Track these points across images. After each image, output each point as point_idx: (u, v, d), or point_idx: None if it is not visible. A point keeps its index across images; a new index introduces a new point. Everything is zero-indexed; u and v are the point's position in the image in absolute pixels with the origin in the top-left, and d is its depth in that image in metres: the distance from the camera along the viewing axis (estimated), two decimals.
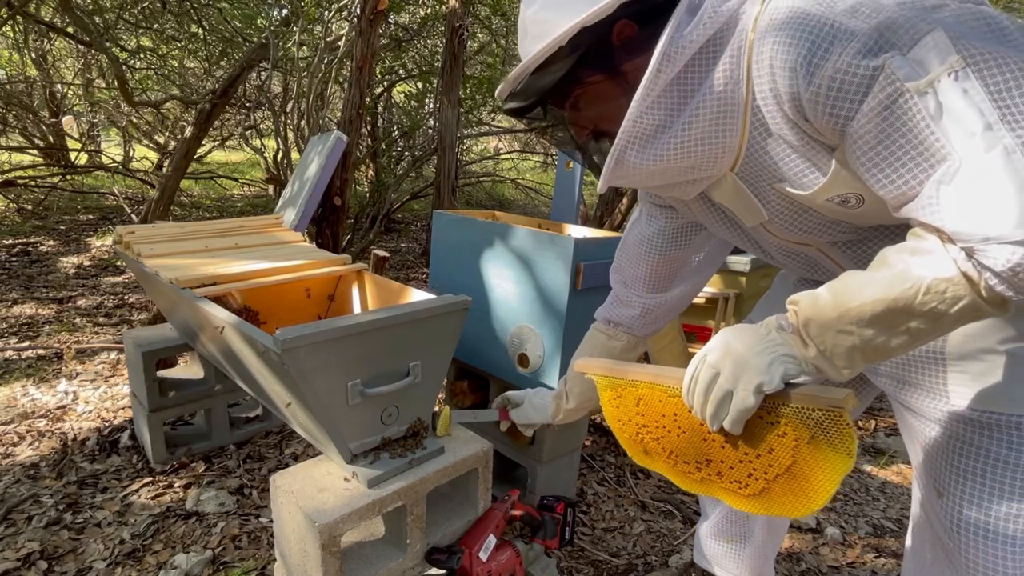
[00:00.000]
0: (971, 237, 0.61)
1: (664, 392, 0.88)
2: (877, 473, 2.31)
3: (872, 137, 0.67)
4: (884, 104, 0.64)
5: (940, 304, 0.64)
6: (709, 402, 0.78)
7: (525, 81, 0.86)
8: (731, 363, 0.76)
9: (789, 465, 0.75)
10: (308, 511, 1.14)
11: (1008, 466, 0.81)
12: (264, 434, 2.23)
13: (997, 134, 0.59)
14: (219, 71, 6.34)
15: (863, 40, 0.64)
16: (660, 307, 1.20)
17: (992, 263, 0.60)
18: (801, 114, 0.71)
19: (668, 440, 0.87)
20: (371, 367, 1.22)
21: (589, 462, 2.21)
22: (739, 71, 0.75)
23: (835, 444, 0.72)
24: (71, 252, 4.84)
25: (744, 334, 0.77)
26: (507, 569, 1.35)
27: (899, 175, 0.67)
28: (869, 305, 0.67)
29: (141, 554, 1.62)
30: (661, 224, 1.12)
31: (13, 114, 6.66)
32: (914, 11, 0.65)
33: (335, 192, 3.50)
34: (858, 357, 0.71)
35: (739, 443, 0.80)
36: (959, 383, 0.83)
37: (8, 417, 2.25)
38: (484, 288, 1.83)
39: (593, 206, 4.98)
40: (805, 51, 0.67)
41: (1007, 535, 0.82)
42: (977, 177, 0.60)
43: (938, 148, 0.63)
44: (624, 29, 0.81)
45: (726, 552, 1.40)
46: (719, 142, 0.80)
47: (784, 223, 0.89)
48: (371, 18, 3.41)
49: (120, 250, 1.89)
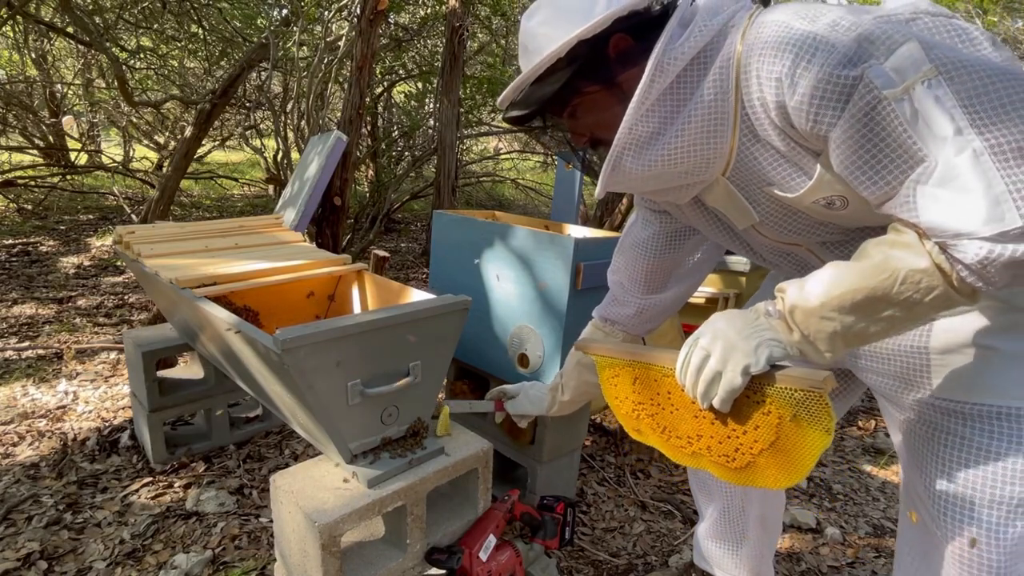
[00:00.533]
0: (944, 233, 0.67)
1: (659, 372, 0.94)
2: (877, 473, 2.31)
3: (854, 142, 0.71)
4: (864, 111, 0.69)
5: (915, 293, 0.70)
6: (700, 382, 0.84)
7: (525, 91, 0.90)
8: (721, 346, 0.82)
9: (773, 441, 0.81)
10: (308, 511, 1.14)
11: (990, 454, 0.85)
12: (264, 434, 2.23)
13: (967, 138, 0.64)
14: (219, 71, 6.33)
15: (843, 51, 0.68)
16: (655, 307, 1.24)
17: (962, 256, 0.66)
18: (787, 121, 0.75)
19: (662, 417, 0.94)
20: (371, 367, 1.22)
21: (589, 462, 2.21)
22: (728, 81, 0.79)
23: (815, 422, 0.78)
24: (71, 252, 4.84)
25: (734, 319, 0.83)
26: (507, 569, 1.35)
27: (880, 176, 0.71)
28: (850, 294, 0.73)
29: (141, 554, 1.62)
30: (656, 228, 1.17)
31: (13, 114, 6.66)
32: (890, 24, 0.70)
33: (335, 192, 3.50)
34: (839, 342, 0.77)
35: (728, 420, 0.86)
36: (941, 376, 0.88)
37: (8, 417, 2.25)
38: (484, 288, 1.83)
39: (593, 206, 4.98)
40: (789, 63, 0.71)
41: (990, 522, 0.87)
42: (949, 178, 0.65)
43: (916, 151, 0.67)
44: (619, 42, 0.85)
45: (724, 553, 1.40)
46: (710, 148, 0.84)
47: (774, 225, 0.93)
48: (371, 18, 3.41)
49: (120, 250, 1.89)
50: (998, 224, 0.63)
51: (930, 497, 0.93)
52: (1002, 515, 0.86)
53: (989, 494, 0.86)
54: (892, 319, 0.73)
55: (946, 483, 0.90)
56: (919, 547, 0.99)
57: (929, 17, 0.73)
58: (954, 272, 0.68)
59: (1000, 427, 0.84)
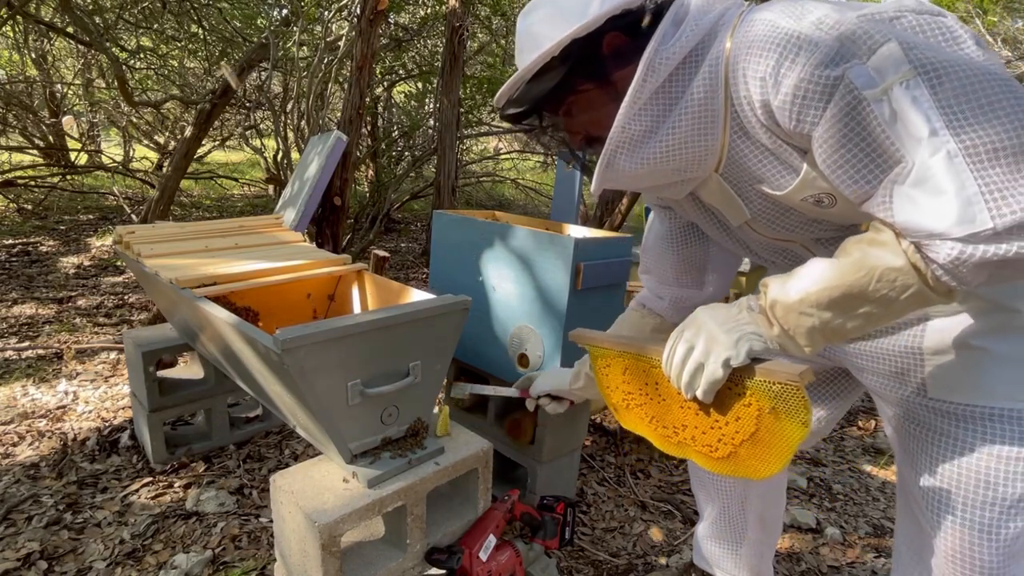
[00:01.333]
0: (917, 233, 0.67)
1: (648, 363, 0.96)
2: (877, 473, 2.31)
3: (835, 141, 0.71)
4: (844, 111, 0.69)
5: (891, 291, 0.71)
6: (684, 373, 0.85)
7: (521, 89, 0.91)
8: (703, 339, 0.83)
9: (753, 432, 0.83)
10: (308, 511, 1.14)
11: (982, 456, 0.86)
12: (264, 434, 2.23)
13: (942, 139, 0.64)
14: (219, 71, 6.33)
15: (825, 51, 0.69)
16: (691, 300, 1.22)
17: (936, 257, 0.67)
18: (772, 120, 0.76)
19: (650, 407, 0.96)
20: (371, 367, 1.22)
21: (589, 462, 2.21)
22: (717, 79, 0.79)
23: (792, 414, 0.80)
24: (71, 252, 4.84)
25: (717, 313, 0.85)
26: (507, 569, 1.35)
27: (860, 176, 0.71)
28: (827, 291, 0.74)
29: (141, 554, 1.62)
30: (669, 224, 1.18)
31: (13, 114, 6.65)
32: (873, 23, 0.70)
33: (335, 192, 3.50)
34: (818, 337, 0.78)
35: (711, 411, 0.88)
36: (934, 376, 0.88)
37: (8, 417, 2.25)
38: (484, 288, 1.83)
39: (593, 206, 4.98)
40: (773, 62, 0.72)
41: (983, 523, 0.87)
42: (924, 179, 0.66)
43: (893, 151, 0.68)
44: (613, 40, 0.85)
45: (724, 552, 1.40)
46: (702, 145, 0.84)
47: (767, 222, 0.94)
48: (371, 18, 3.41)
49: (120, 250, 1.89)
50: (969, 225, 0.63)
51: (924, 497, 0.93)
52: (995, 516, 0.86)
53: (982, 495, 0.86)
54: (868, 315, 0.75)
55: (939, 483, 0.90)
56: (916, 546, 1.00)
57: (913, 15, 0.73)
58: (929, 271, 0.68)
59: (992, 428, 0.85)
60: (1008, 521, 0.86)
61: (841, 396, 1.19)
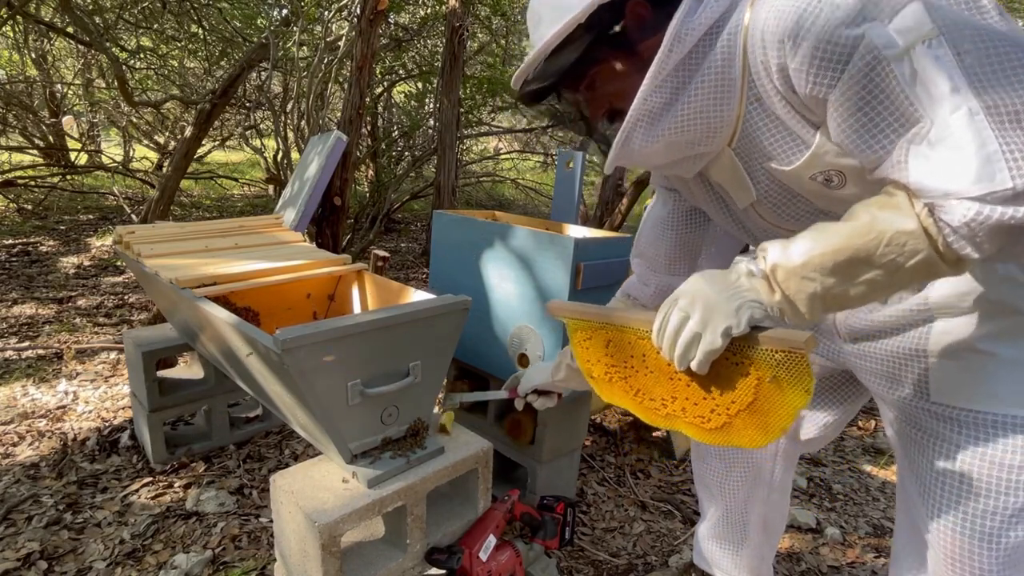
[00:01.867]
0: (932, 193, 0.65)
1: (634, 334, 0.92)
2: (877, 473, 2.31)
3: (852, 104, 0.70)
4: (863, 71, 0.67)
5: (899, 256, 0.69)
6: (678, 344, 0.82)
7: (540, 66, 0.88)
8: (701, 307, 0.80)
9: (751, 402, 0.81)
10: (308, 511, 1.14)
11: (984, 463, 0.84)
12: (264, 434, 2.23)
13: (963, 96, 0.63)
14: (219, 71, 6.33)
15: (846, 11, 0.67)
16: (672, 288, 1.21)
17: (950, 219, 0.65)
18: (788, 85, 0.74)
19: (636, 379, 0.92)
20: (371, 367, 1.22)
21: (589, 462, 2.21)
22: (736, 48, 0.78)
23: (795, 382, 0.77)
24: (71, 252, 4.84)
25: (714, 280, 0.81)
26: (507, 569, 1.35)
27: (875, 139, 0.70)
28: (832, 254, 0.72)
29: (141, 554, 1.62)
30: (671, 206, 1.17)
31: (13, 114, 6.65)
32: None
33: (335, 192, 3.50)
34: (818, 304, 0.75)
35: (704, 382, 0.85)
36: (938, 380, 0.86)
37: (8, 417, 2.25)
38: (484, 288, 1.83)
39: (593, 206, 4.98)
40: (792, 23, 0.70)
41: (984, 531, 0.86)
42: (942, 137, 0.64)
43: (912, 112, 0.66)
44: (636, 8, 0.83)
45: (724, 553, 1.40)
46: (717, 116, 0.83)
47: (772, 206, 0.92)
48: (371, 18, 3.41)
49: (120, 250, 1.89)
50: (988, 184, 0.61)
51: (924, 502, 0.92)
52: (996, 525, 0.85)
53: (984, 504, 0.85)
54: (873, 283, 0.72)
55: (940, 490, 0.89)
56: (914, 548, 0.99)
57: None
58: (940, 236, 0.66)
59: (996, 436, 0.83)
60: (1009, 530, 0.84)
61: (847, 402, 1.18)
